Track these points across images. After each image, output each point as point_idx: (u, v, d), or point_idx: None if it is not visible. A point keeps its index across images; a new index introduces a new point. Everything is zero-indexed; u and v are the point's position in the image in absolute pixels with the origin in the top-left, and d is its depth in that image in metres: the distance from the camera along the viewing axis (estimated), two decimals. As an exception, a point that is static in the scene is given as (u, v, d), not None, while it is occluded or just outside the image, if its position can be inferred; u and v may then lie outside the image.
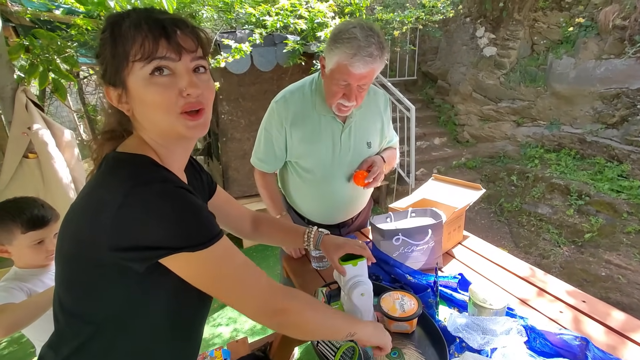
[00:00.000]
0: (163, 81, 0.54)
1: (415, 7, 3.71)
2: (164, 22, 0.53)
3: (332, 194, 1.33)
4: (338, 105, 1.16)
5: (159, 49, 0.53)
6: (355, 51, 1.03)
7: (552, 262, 2.75)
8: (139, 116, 0.59)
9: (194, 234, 0.55)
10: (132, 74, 0.54)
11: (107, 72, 0.56)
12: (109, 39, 0.54)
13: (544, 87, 3.76)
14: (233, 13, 2.95)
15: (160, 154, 0.63)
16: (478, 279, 1.13)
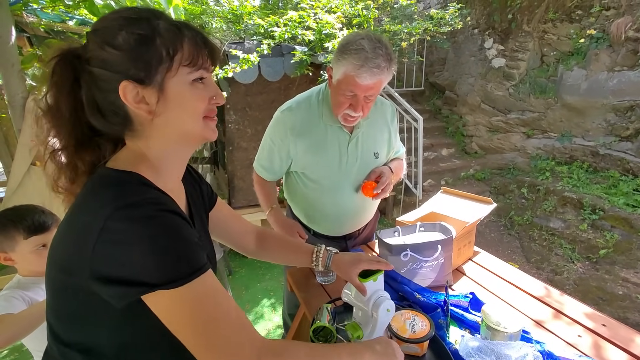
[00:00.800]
0: (202, 88, 0.57)
1: (423, 19, 3.72)
2: (203, 34, 0.57)
3: (338, 205, 1.30)
4: (344, 115, 1.15)
5: (204, 58, 0.56)
6: (363, 62, 1.02)
7: (566, 279, 2.66)
8: (164, 120, 0.56)
9: (170, 268, 0.49)
10: (177, 77, 0.54)
11: (132, 67, 0.52)
12: (143, 35, 0.52)
13: (554, 99, 3.71)
14: (242, 24, 2.98)
15: (159, 165, 0.60)
16: (491, 299, 1.08)
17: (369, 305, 0.83)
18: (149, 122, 0.56)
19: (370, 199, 1.29)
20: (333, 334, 0.89)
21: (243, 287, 2.73)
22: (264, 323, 2.30)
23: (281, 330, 2.20)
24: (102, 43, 0.52)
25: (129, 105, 0.54)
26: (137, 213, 0.49)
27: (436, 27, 3.51)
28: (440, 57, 5.16)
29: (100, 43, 0.52)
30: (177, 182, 0.67)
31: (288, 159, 1.26)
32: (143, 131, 0.57)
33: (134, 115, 0.56)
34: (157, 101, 0.54)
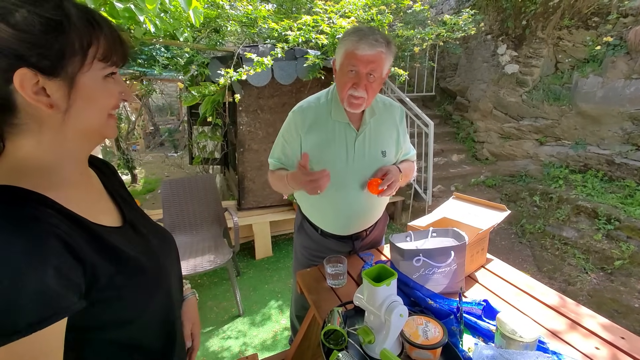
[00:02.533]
0: (113, 84, 0.54)
1: (436, 24, 3.71)
2: (117, 29, 0.53)
3: (345, 203, 1.31)
4: (349, 98, 1.17)
5: (119, 54, 0.53)
6: (360, 37, 1.09)
7: (579, 290, 2.60)
8: (68, 116, 0.50)
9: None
10: (90, 72, 0.50)
11: (34, 54, 0.45)
12: (52, 20, 0.45)
13: (568, 106, 3.66)
14: (256, 28, 3.02)
15: (50, 166, 0.52)
16: (505, 307, 1.06)
17: (382, 310, 0.82)
18: (45, 116, 0.48)
19: (376, 198, 1.31)
20: (344, 338, 0.89)
21: (251, 288, 2.74)
22: (272, 325, 2.30)
23: (288, 332, 2.20)
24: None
25: (25, 96, 0.45)
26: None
27: (449, 33, 3.50)
28: (452, 62, 5.14)
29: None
30: (80, 176, 0.59)
31: (299, 155, 1.30)
32: (34, 127, 0.49)
33: (24, 108, 0.47)
34: (64, 95, 0.48)
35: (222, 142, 3.96)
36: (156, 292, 0.61)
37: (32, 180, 0.49)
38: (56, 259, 0.44)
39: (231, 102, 3.04)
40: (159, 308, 0.63)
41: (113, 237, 0.56)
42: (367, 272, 0.86)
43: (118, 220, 0.63)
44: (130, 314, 0.57)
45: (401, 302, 0.83)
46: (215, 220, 2.78)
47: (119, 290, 0.53)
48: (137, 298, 0.57)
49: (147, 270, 0.59)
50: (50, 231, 0.45)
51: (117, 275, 0.53)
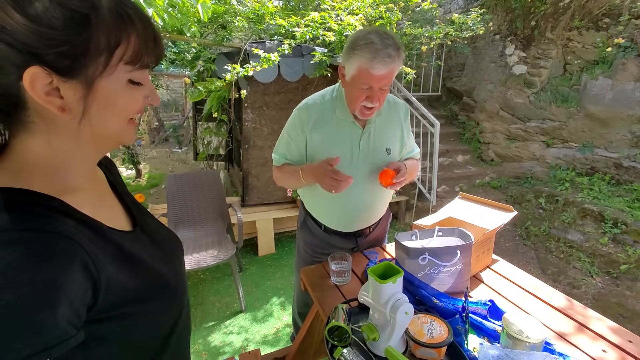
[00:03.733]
0: (138, 88, 0.47)
1: (445, 23, 3.68)
2: (152, 25, 0.46)
3: (349, 199, 1.31)
4: (361, 108, 1.18)
5: (150, 57, 0.46)
6: (374, 54, 1.07)
7: (584, 293, 2.58)
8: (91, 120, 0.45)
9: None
10: (115, 75, 0.43)
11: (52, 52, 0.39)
12: (78, 12, 0.39)
13: (576, 108, 3.62)
14: (263, 24, 3.01)
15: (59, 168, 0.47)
16: (510, 308, 1.06)
17: (387, 308, 0.82)
18: (56, 118, 0.43)
19: (380, 195, 1.33)
20: (348, 334, 0.89)
21: (253, 284, 2.75)
22: (273, 321, 2.31)
23: (290, 329, 2.20)
24: (6, 4, 0.37)
25: (35, 97, 0.40)
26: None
27: (457, 32, 3.47)
28: (459, 62, 5.10)
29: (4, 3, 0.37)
30: (92, 179, 0.55)
31: (305, 153, 1.31)
32: (44, 127, 0.43)
33: (34, 106, 0.42)
34: (79, 98, 0.42)
35: (227, 139, 3.97)
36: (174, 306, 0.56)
37: (43, 183, 0.44)
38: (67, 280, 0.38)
39: (237, 98, 3.04)
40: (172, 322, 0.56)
41: (128, 243, 0.51)
42: (373, 269, 0.86)
43: (128, 224, 0.57)
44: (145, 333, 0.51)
45: (407, 300, 0.82)
46: (219, 216, 2.78)
47: (135, 306, 0.48)
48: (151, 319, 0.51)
49: (167, 283, 0.54)
50: (69, 248, 0.40)
51: (133, 289, 0.47)
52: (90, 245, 0.43)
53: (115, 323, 0.46)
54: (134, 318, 0.48)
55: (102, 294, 0.43)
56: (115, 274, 0.45)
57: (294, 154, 1.34)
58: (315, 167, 1.22)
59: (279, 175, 1.40)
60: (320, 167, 1.19)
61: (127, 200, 0.61)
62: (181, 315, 0.58)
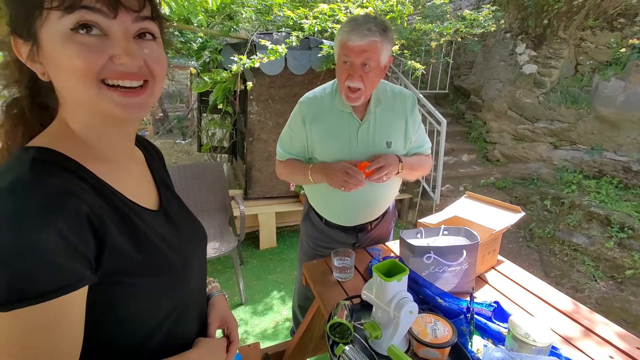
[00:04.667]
0: (89, 41, 0.41)
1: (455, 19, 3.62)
2: None
3: (348, 194, 1.26)
4: (346, 90, 1.16)
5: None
6: (353, 27, 1.08)
7: (587, 297, 2.55)
8: (57, 84, 0.45)
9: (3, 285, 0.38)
10: (47, 25, 0.41)
11: (12, 17, 0.42)
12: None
13: (586, 110, 3.56)
14: (271, 15, 2.97)
15: (91, 141, 0.49)
16: (516, 310, 1.04)
17: (391, 306, 0.80)
18: (55, 87, 0.46)
19: (381, 191, 1.32)
20: (350, 331, 0.88)
21: (254, 277, 2.75)
22: (273, 315, 2.31)
23: (289, 323, 2.20)
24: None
25: (27, 64, 0.44)
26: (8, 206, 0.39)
27: (468, 29, 3.41)
28: (467, 60, 5.03)
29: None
30: (122, 154, 0.55)
31: (306, 145, 1.31)
32: (60, 98, 0.48)
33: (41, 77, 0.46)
34: (36, 57, 0.43)
35: (232, 131, 3.95)
36: (176, 292, 0.56)
37: (73, 147, 0.47)
38: (69, 228, 0.40)
39: (242, 91, 3.02)
40: (174, 312, 0.56)
41: (143, 219, 0.52)
42: (377, 266, 0.84)
43: (155, 204, 0.59)
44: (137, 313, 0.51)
45: (411, 298, 0.81)
46: (222, 209, 2.78)
47: (135, 278, 0.48)
48: (152, 295, 0.51)
49: (171, 266, 0.54)
50: (71, 202, 0.42)
51: (136, 261, 0.48)
52: (97, 209, 0.44)
53: (119, 291, 0.47)
54: (135, 291, 0.48)
55: (106, 255, 0.44)
56: (120, 242, 0.46)
57: (296, 147, 1.33)
58: (329, 164, 1.23)
59: (284, 169, 1.38)
60: (335, 164, 1.20)
61: (159, 183, 0.63)
62: (183, 301, 0.57)
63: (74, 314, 0.43)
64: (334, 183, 1.18)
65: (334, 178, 1.17)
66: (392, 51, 1.20)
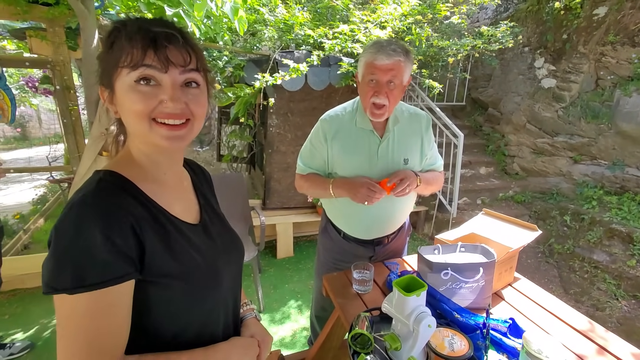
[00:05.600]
0: (146, 90, 0.55)
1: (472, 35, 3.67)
2: (155, 35, 0.55)
3: (367, 207, 1.33)
4: (371, 107, 1.23)
5: (146, 58, 0.54)
6: (378, 49, 1.18)
7: (608, 316, 2.50)
8: (123, 120, 0.60)
9: (56, 276, 0.50)
10: (120, 78, 0.55)
11: (100, 72, 0.58)
12: (106, 42, 0.57)
13: (607, 125, 3.51)
14: (292, 34, 3.10)
15: (146, 166, 0.63)
16: (531, 327, 1.07)
17: (411, 320, 0.85)
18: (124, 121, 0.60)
19: (398, 205, 1.38)
20: (370, 342, 0.93)
21: (271, 286, 2.82)
22: (290, 324, 2.37)
23: (307, 332, 2.26)
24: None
25: (107, 105, 0.60)
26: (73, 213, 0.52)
27: (485, 45, 3.45)
28: (485, 73, 5.04)
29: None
30: (172, 176, 0.68)
31: (327, 160, 1.38)
32: (128, 132, 0.63)
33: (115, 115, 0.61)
34: (112, 102, 0.59)
35: (252, 142, 4.08)
36: (209, 297, 0.65)
37: (132, 171, 0.61)
38: (117, 234, 0.52)
39: (263, 104, 3.14)
40: (205, 313, 0.65)
41: (181, 231, 0.63)
42: (397, 281, 0.90)
43: (195, 219, 0.70)
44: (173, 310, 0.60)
45: (429, 313, 0.86)
46: (242, 218, 2.88)
47: (170, 280, 0.58)
48: (185, 296, 0.61)
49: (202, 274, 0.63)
50: (119, 215, 0.54)
51: (170, 267, 0.58)
52: (141, 221, 0.56)
53: (157, 290, 0.58)
54: (169, 291, 0.59)
55: (147, 258, 0.56)
56: (158, 248, 0.57)
57: (317, 162, 1.40)
58: (351, 179, 1.29)
59: (304, 183, 1.45)
60: (357, 180, 1.27)
61: (201, 201, 0.74)
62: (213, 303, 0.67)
63: (122, 302, 0.54)
64: (357, 198, 1.25)
65: (357, 193, 1.24)
66: (412, 71, 1.29)
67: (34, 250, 3.08)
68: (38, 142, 9.51)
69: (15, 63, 2.88)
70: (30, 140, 9.81)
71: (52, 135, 8.59)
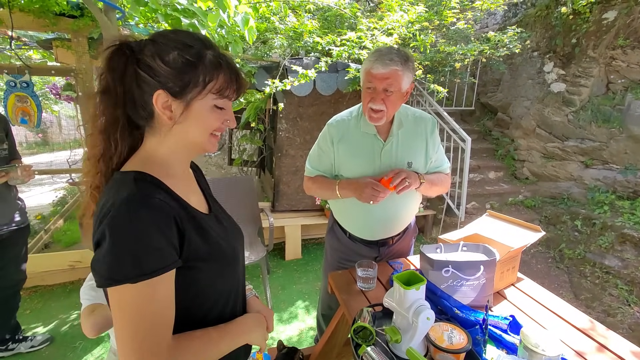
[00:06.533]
0: (220, 112, 0.67)
1: (480, 41, 3.69)
2: (238, 72, 0.68)
3: (372, 209, 1.38)
4: (369, 111, 1.29)
5: (229, 91, 0.67)
6: (376, 57, 1.23)
7: (620, 322, 2.46)
8: (180, 128, 0.66)
9: (117, 268, 0.56)
10: (205, 99, 0.64)
11: (171, 82, 0.63)
12: (189, 59, 0.62)
13: (619, 129, 3.48)
14: (301, 41, 3.19)
15: (166, 162, 0.69)
16: (530, 323, 1.09)
17: (410, 312, 0.90)
18: (167, 125, 0.66)
19: (402, 207, 1.43)
20: (372, 335, 0.98)
21: (279, 287, 2.87)
22: (297, 324, 2.41)
23: (314, 332, 2.29)
24: (155, 54, 0.62)
25: (156, 108, 0.64)
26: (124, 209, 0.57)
27: (493, 50, 3.47)
28: (494, 77, 5.04)
29: (153, 53, 0.62)
30: (184, 173, 0.76)
31: (333, 163, 1.44)
32: (160, 130, 0.67)
33: (158, 116, 0.65)
34: (180, 113, 0.64)
35: (262, 146, 4.17)
36: (229, 276, 0.75)
37: (154, 169, 0.67)
38: (165, 226, 0.60)
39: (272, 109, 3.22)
40: (226, 291, 0.75)
41: (204, 220, 0.71)
42: (398, 276, 0.94)
43: (206, 210, 0.78)
44: (204, 289, 0.69)
45: (428, 306, 0.90)
46: (252, 220, 2.95)
47: (202, 263, 0.67)
48: (213, 276, 0.70)
49: (225, 255, 0.73)
50: (165, 209, 0.61)
51: (203, 251, 0.67)
52: (179, 213, 0.64)
53: (192, 273, 0.66)
54: (201, 274, 0.68)
55: (185, 245, 0.63)
56: (194, 237, 0.65)
57: (325, 165, 1.47)
58: (356, 180, 1.35)
59: (312, 185, 1.51)
60: (361, 180, 1.32)
61: (206, 193, 0.84)
62: (233, 284, 0.77)
63: (171, 287, 0.62)
64: (362, 198, 1.30)
65: (362, 193, 1.29)
66: (414, 77, 1.34)
67: (54, 249, 3.20)
68: (58, 147, 9.87)
69: (42, 71, 3.04)
70: (51, 145, 10.18)
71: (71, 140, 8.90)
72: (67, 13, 2.38)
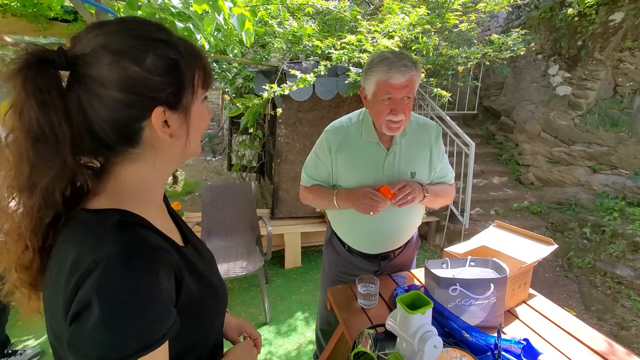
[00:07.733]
0: (206, 106, 0.59)
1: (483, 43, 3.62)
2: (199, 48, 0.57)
3: (373, 221, 1.30)
4: (387, 123, 1.19)
5: (211, 77, 0.58)
6: (390, 66, 1.13)
7: (634, 335, 2.35)
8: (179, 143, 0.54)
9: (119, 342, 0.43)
10: (197, 97, 0.54)
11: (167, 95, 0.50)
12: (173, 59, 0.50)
13: (627, 133, 3.38)
14: (300, 45, 3.13)
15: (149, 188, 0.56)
16: (546, 348, 1.00)
17: (415, 339, 0.81)
18: (165, 144, 0.53)
19: (404, 220, 1.34)
20: (374, 361, 0.89)
21: (278, 297, 2.78)
22: (297, 337, 2.31)
23: (313, 345, 2.20)
24: (122, 62, 0.46)
25: (157, 130, 0.50)
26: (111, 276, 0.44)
27: (496, 53, 3.40)
28: (497, 81, 4.97)
29: (119, 62, 0.46)
30: (159, 195, 0.62)
31: (331, 172, 1.35)
32: (149, 155, 0.53)
33: (147, 140, 0.51)
34: (182, 125, 0.52)
35: (261, 152, 4.11)
36: (220, 313, 0.65)
37: (131, 201, 0.53)
38: (167, 280, 0.49)
39: (271, 114, 3.16)
40: (217, 329, 0.66)
41: (188, 255, 0.58)
42: (401, 298, 0.86)
43: (180, 240, 0.63)
44: (198, 334, 0.59)
45: (436, 332, 0.81)
46: (250, 228, 2.87)
47: (198, 307, 0.56)
48: (207, 318, 0.60)
49: (218, 291, 0.63)
50: (164, 259, 0.50)
51: (199, 294, 0.56)
52: (175, 259, 0.53)
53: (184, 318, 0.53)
54: (196, 315, 0.56)
55: (182, 294, 0.52)
56: (190, 282, 0.54)
57: (322, 174, 1.37)
58: (353, 190, 1.26)
59: (308, 195, 1.42)
60: (359, 190, 1.23)
61: (178, 219, 0.69)
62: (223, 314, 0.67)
63: (167, 347, 0.49)
64: (361, 209, 1.21)
65: (360, 204, 1.21)
66: (420, 79, 1.27)
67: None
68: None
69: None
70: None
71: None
72: (60, 17, 2.34)
